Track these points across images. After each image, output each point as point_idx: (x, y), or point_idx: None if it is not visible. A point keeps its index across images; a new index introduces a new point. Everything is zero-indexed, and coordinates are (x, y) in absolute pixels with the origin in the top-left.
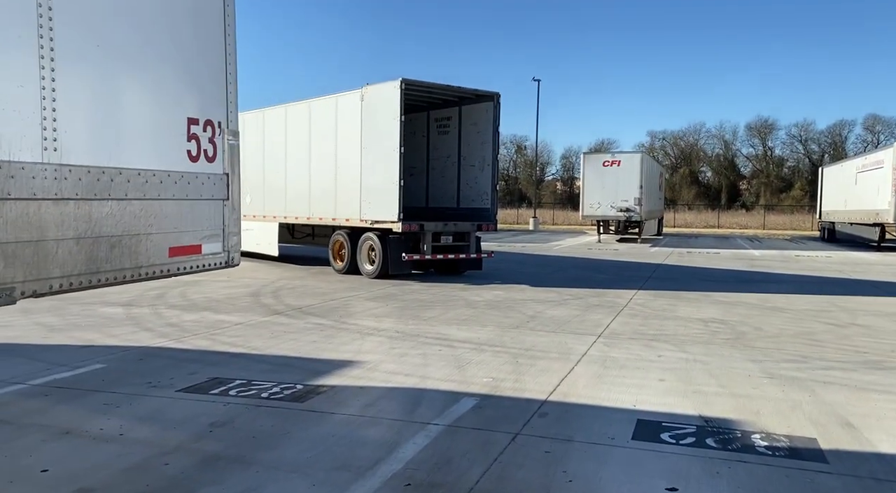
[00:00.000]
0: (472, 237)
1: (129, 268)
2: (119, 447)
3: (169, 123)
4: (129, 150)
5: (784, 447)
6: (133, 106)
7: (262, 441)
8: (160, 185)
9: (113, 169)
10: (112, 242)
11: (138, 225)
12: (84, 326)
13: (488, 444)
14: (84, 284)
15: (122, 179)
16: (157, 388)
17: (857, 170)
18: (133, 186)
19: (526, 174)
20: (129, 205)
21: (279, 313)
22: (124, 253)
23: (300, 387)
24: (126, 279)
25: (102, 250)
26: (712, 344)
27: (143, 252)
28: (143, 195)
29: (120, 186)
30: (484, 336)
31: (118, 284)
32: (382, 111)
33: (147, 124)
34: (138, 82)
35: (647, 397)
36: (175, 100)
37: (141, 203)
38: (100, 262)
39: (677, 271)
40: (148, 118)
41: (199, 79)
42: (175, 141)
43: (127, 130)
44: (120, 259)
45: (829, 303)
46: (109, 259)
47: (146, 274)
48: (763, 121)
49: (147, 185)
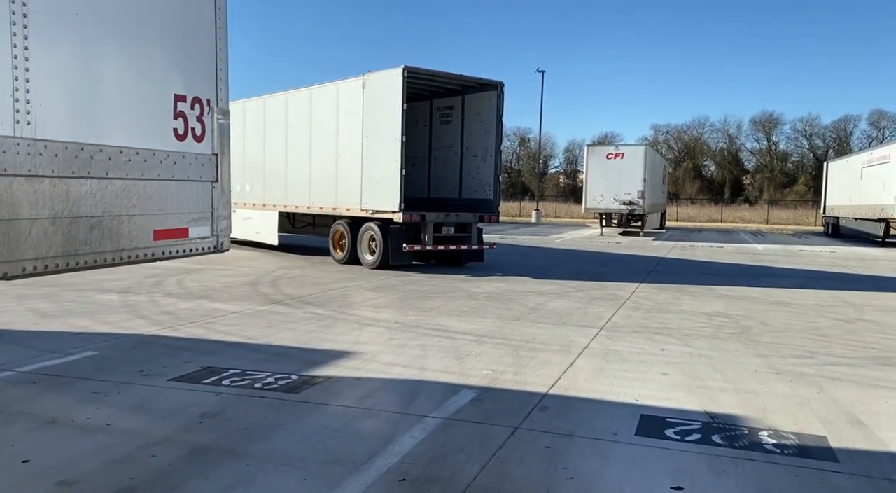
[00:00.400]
0: (473, 229)
1: (110, 251)
2: (106, 437)
3: (154, 100)
4: (111, 126)
5: (793, 445)
6: (115, 80)
7: (253, 433)
8: (144, 164)
9: (92, 146)
10: (92, 223)
11: (120, 206)
12: (78, 312)
13: (487, 438)
14: (61, 266)
15: (103, 157)
16: (148, 377)
17: (863, 165)
18: (114, 165)
19: (529, 167)
20: (110, 184)
21: (277, 302)
22: (105, 235)
23: (295, 377)
24: (107, 263)
25: (81, 232)
26: (717, 338)
27: (125, 234)
28: (126, 175)
29: (100, 164)
30: (484, 328)
31: (98, 267)
32: (384, 99)
33: (130, 100)
34: (121, 55)
35: (651, 391)
36: (161, 75)
37: (123, 183)
38: (78, 244)
39: (680, 265)
40: (131, 94)
41: (186, 54)
42: (160, 118)
43: (108, 106)
44: (100, 241)
45: (835, 298)
46: (89, 241)
47: (129, 258)
48: (768, 115)
49: (130, 163)
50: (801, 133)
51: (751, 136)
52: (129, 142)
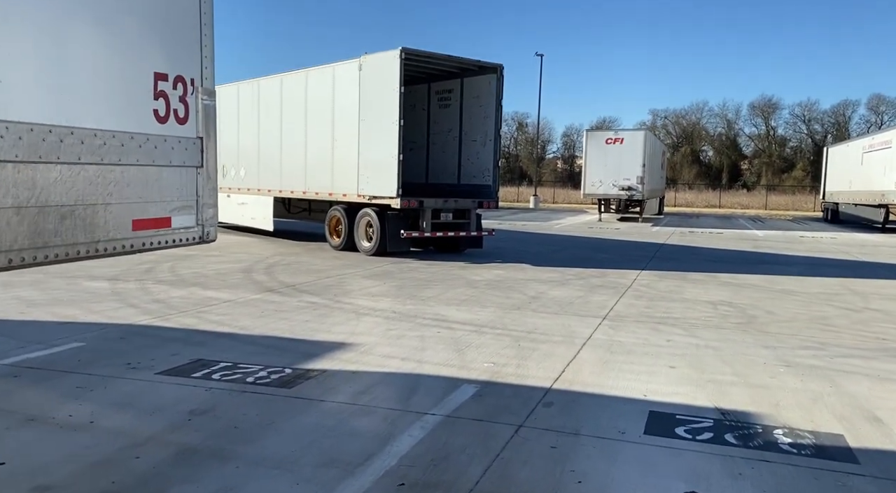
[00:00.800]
0: (472, 215)
1: (83, 243)
2: (87, 437)
3: (132, 78)
4: (83, 107)
5: (809, 444)
6: (87, 56)
7: (244, 432)
8: (121, 148)
9: (62, 128)
10: (63, 212)
11: (95, 194)
12: (66, 301)
13: (489, 437)
14: (28, 260)
15: (74, 140)
16: (135, 370)
17: (864, 150)
18: (87, 149)
19: (527, 152)
20: (83, 170)
21: (271, 290)
22: (78, 225)
23: (289, 371)
24: (81, 255)
25: (51, 222)
26: (723, 328)
27: (101, 225)
28: (101, 160)
29: (71, 148)
30: (484, 318)
31: (71, 260)
32: (381, 82)
33: (105, 78)
34: (94, 29)
35: (658, 386)
36: (139, 51)
37: (98, 168)
38: (47, 235)
39: (680, 252)
40: (106, 71)
41: (167, 29)
42: (139, 99)
43: (79, 84)
44: (73, 232)
45: (840, 286)
46: (59, 232)
47: (105, 250)
48: (766, 100)
49: (105, 147)
50: (800, 118)
51: (749, 121)
52: (103, 124)
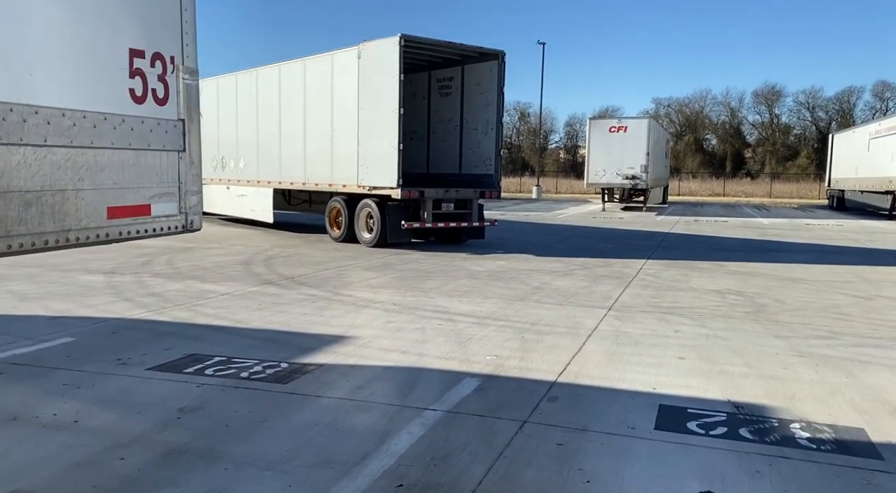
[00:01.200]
0: (474, 205)
1: (52, 232)
2: (71, 436)
3: (104, 54)
4: (49, 84)
5: (829, 439)
6: (53, 29)
7: (235, 431)
8: (93, 130)
9: (25, 107)
10: (27, 199)
11: (64, 179)
12: (60, 294)
13: (492, 434)
14: None
15: (39, 120)
16: (126, 366)
17: (870, 136)
18: (55, 130)
19: (529, 142)
20: (49, 153)
21: (270, 282)
22: (45, 213)
23: (284, 366)
24: (49, 245)
25: (13, 209)
26: (732, 318)
27: (71, 212)
28: (70, 142)
29: (36, 129)
30: (487, 309)
31: (39, 250)
32: (381, 70)
33: (73, 53)
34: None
35: (668, 378)
36: (112, 25)
37: (67, 151)
38: (10, 223)
39: (686, 240)
40: (74, 46)
41: (145, 2)
42: (113, 76)
43: (44, 59)
44: (39, 220)
45: (850, 273)
46: (24, 220)
47: (77, 239)
48: (770, 88)
49: (75, 129)
50: (804, 105)
51: (753, 109)
52: (73, 103)
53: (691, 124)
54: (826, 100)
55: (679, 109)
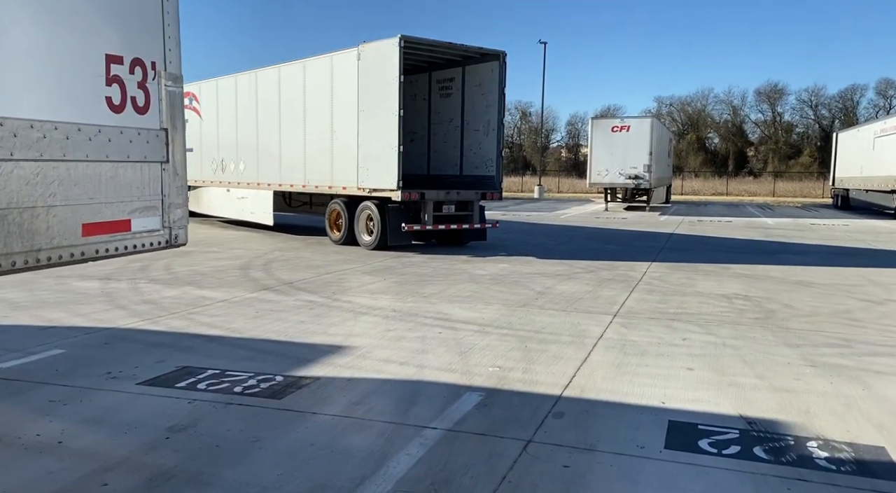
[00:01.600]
0: (475, 207)
1: (20, 252)
2: (53, 460)
3: (78, 60)
4: (15, 93)
5: (849, 459)
6: (20, 32)
7: (226, 452)
8: (66, 141)
9: None
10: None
11: (34, 195)
12: (52, 303)
13: (495, 456)
14: None
15: (5, 133)
16: (116, 380)
17: (875, 135)
18: (23, 143)
19: (530, 141)
20: (17, 168)
21: (268, 288)
22: (12, 233)
23: (280, 379)
24: (17, 267)
25: None
26: (741, 325)
27: (41, 231)
28: (40, 155)
29: (1, 142)
30: (489, 316)
31: (6, 273)
32: (380, 71)
33: (43, 60)
34: (28, 1)
35: (676, 391)
36: (87, 28)
37: (36, 165)
38: None
39: (690, 242)
40: (44, 51)
41: (121, 4)
42: (88, 84)
43: (9, 66)
44: (6, 240)
45: (859, 276)
46: None
47: (49, 259)
48: (773, 86)
49: (45, 141)
50: (807, 103)
51: (755, 107)
52: (43, 113)
53: (693, 123)
54: (829, 98)
55: (681, 108)
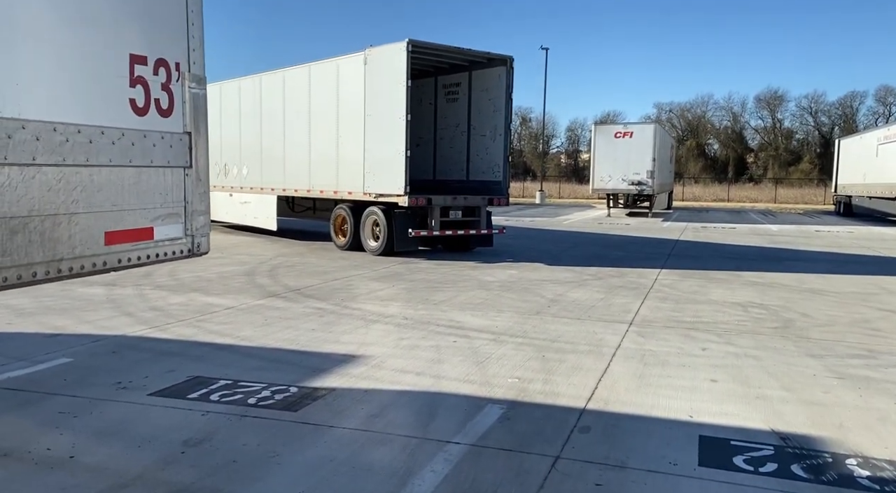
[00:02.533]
0: (482, 212)
1: (41, 262)
2: (65, 476)
3: (102, 61)
4: (38, 95)
5: (892, 478)
6: (43, 32)
7: (244, 468)
8: (89, 145)
9: (10, 121)
10: (13, 226)
11: (56, 202)
12: (57, 309)
13: (523, 473)
14: None
15: (26, 137)
16: (126, 390)
17: (879, 141)
18: (45, 147)
19: (531, 146)
20: (38, 173)
21: (275, 294)
22: (33, 242)
23: (294, 390)
24: (38, 278)
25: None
26: (760, 334)
27: (63, 240)
28: (63, 160)
29: (22, 146)
30: (502, 324)
31: (27, 284)
32: (387, 75)
33: (66, 61)
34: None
35: (703, 404)
36: (111, 28)
37: (59, 171)
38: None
39: (697, 248)
40: (67, 52)
41: (146, 3)
42: (112, 86)
43: (33, 67)
44: (27, 250)
45: (873, 284)
46: (9, 251)
47: (72, 270)
48: (773, 92)
49: (68, 145)
50: (807, 110)
51: (755, 113)
52: (66, 116)
53: (693, 129)
54: (829, 105)
55: (681, 114)
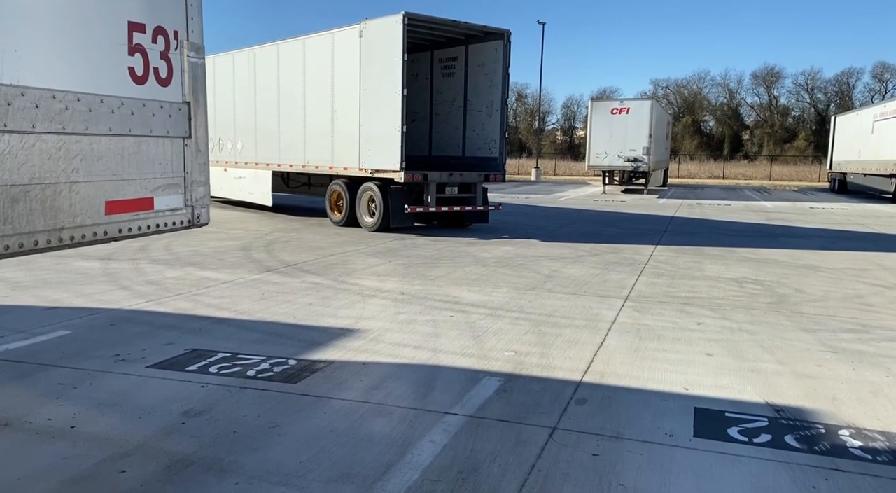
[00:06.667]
0: (478, 188)
1: (43, 231)
2: (67, 445)
3: (100, 27)
4: (37, 61)
5: (884, 448)
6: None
7: (244, 438)
8: (89, 114)
9: (9, 88)
10: (14, 194)
11: (56, 170)
12: (54, 282)
13: (521, 443)
14: None
15: (26, 103)
16: (125, 362)
17: (875, 118)
18: (44, 114)
19: (527, 123)
20: (39, 141)
21: (272, 269)
22: (35, 210)
23: (293, 363)
24: (40, 246)
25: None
26: (755, 309)
27: (64, 208)
28: (63, 128)
29: (22, 113)
30: (498, 299)
31: (27, 253)
32: (383, 49)
33: (64, 26)
34: None
35: (698, 377)
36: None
37: (59, 139)
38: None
39: (692, 225)
40: (65, 17)
41: None
42: (110, 53)
43: (31, 33)
44: (28, 218)
45: (866, 260)
46: (10, 219)
47: (73, 239)
48: (769, 69)
49: (68, 113)
50: (803, 87)
51: (751, 90)
52: (65, 84)
53: (689, 106)
54: (825, 81)
55: (677, 91)
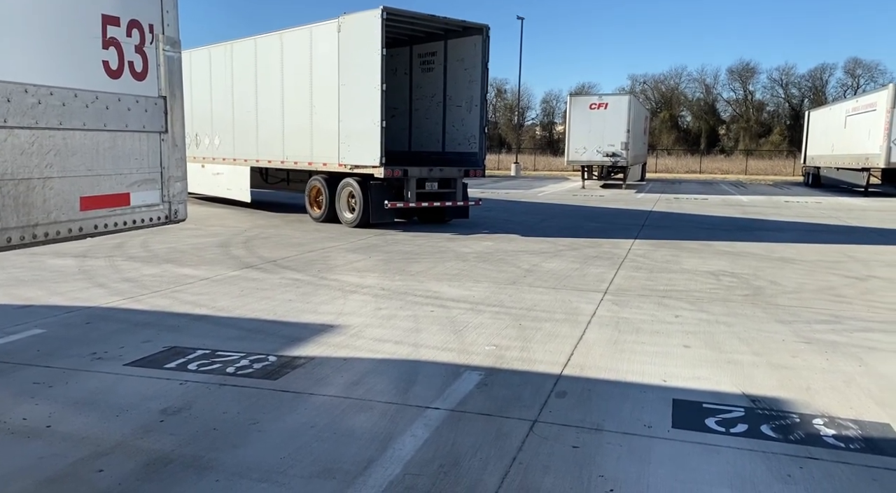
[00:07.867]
0: (458, 184)
1: (15, 227)
2: (43, 445)
3: (73, 20)
4: (8, 55)
5: (856, 436)
6: None
7: (224, 435)
8: (62, 108)
9: None
10: None
11: (28, 165)
12: (27, 281)
13: (502, 436)
14: None
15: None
16: (102, 361)
17: (847, 113)
18: (17, 109)
19: (506, 118)
20: (10, 136)
21: (251, 266)
22: (7, 206)
23: (273, 359)
24: (13, 243)
25: None
26: (731, 301)
27: (38, 204)
28: (35, 122)
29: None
30: (479, 294)
31: (1, 250)
32: (362, 44)
33: (36, 19)
34: None
35: (676, 369)
36: None
37: (31, 134)
38: None
39: (670, 219)
40: (38, 10)
41: None
42: (84, 47)
43: (1, 26)
44: (0, 215)
45: (839, 253)
46: None
47: (47, 235)
48: (745, 64)
49: (41, 107)
50: (778, 82)
51: (727, 85)
52: (38, 77)
53: (667, 101)
54: (799, 77)
55: (655, 86)
